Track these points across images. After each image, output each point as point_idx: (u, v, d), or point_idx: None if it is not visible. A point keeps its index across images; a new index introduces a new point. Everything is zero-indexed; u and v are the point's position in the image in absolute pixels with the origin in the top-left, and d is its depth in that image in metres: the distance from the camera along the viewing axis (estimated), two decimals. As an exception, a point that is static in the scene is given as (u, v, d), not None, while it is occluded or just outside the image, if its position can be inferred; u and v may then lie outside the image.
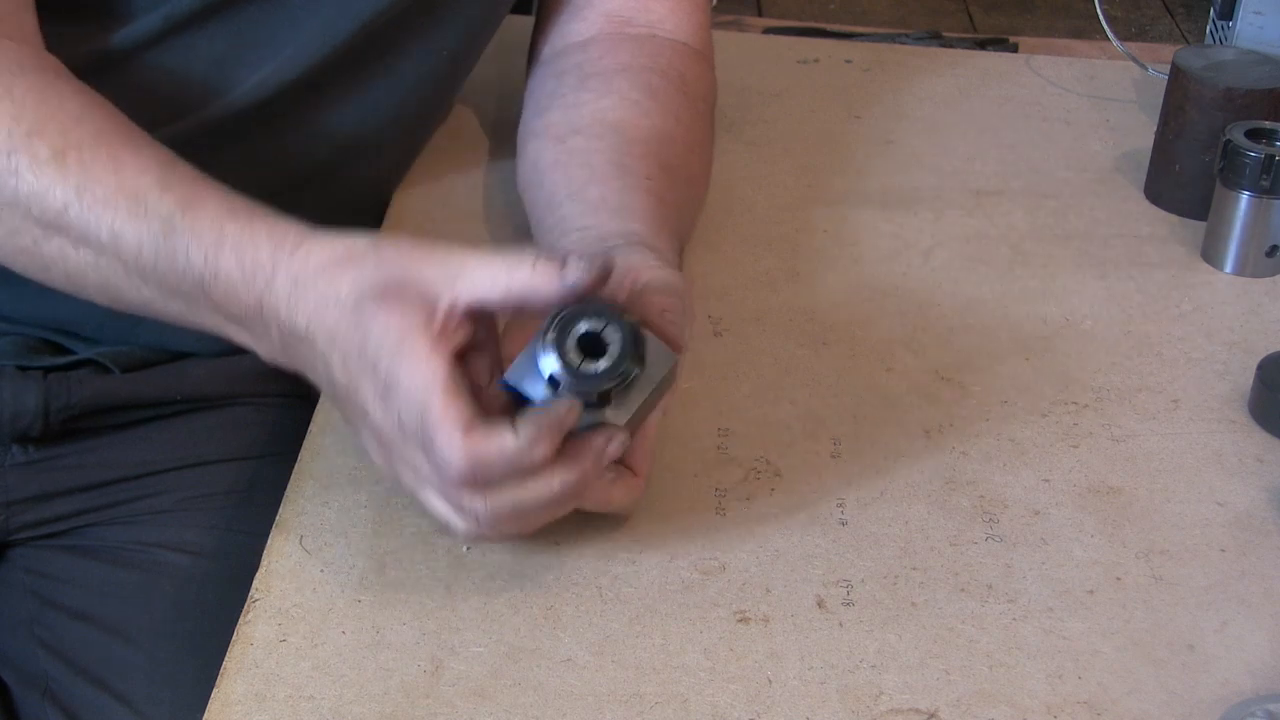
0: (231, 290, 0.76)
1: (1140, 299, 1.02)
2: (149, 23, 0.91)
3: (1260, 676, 0.74)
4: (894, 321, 0.98)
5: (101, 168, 0.78)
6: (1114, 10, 2.65)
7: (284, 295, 0.74)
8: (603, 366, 0.73)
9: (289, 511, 0.81)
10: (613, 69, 1.02)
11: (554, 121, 1.00)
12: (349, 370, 0.73)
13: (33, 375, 0.97)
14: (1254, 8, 1.24)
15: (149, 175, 0.78)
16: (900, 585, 0.78)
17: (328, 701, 0.70)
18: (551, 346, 0.73)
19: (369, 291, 0.72)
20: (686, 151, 1.00)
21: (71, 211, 0.78)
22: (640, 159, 0.95)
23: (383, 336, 0.72)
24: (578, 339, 0.73)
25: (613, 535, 0.79)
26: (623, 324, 0.73)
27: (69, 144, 0.79)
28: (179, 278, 0.77)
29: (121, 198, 0.77)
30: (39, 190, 0.78)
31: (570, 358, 0.73)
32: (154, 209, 0.77)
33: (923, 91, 1.28)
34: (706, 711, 0.71)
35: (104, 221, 0.78)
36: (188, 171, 0.79)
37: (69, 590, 0.99)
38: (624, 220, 0.89)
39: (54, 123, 0.79)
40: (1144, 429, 0.90)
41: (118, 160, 0.78)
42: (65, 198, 0.78)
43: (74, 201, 0.78)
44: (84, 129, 0.79)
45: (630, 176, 0.93)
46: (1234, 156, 1.03)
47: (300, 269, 0.74)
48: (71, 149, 0.78)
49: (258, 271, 0.75)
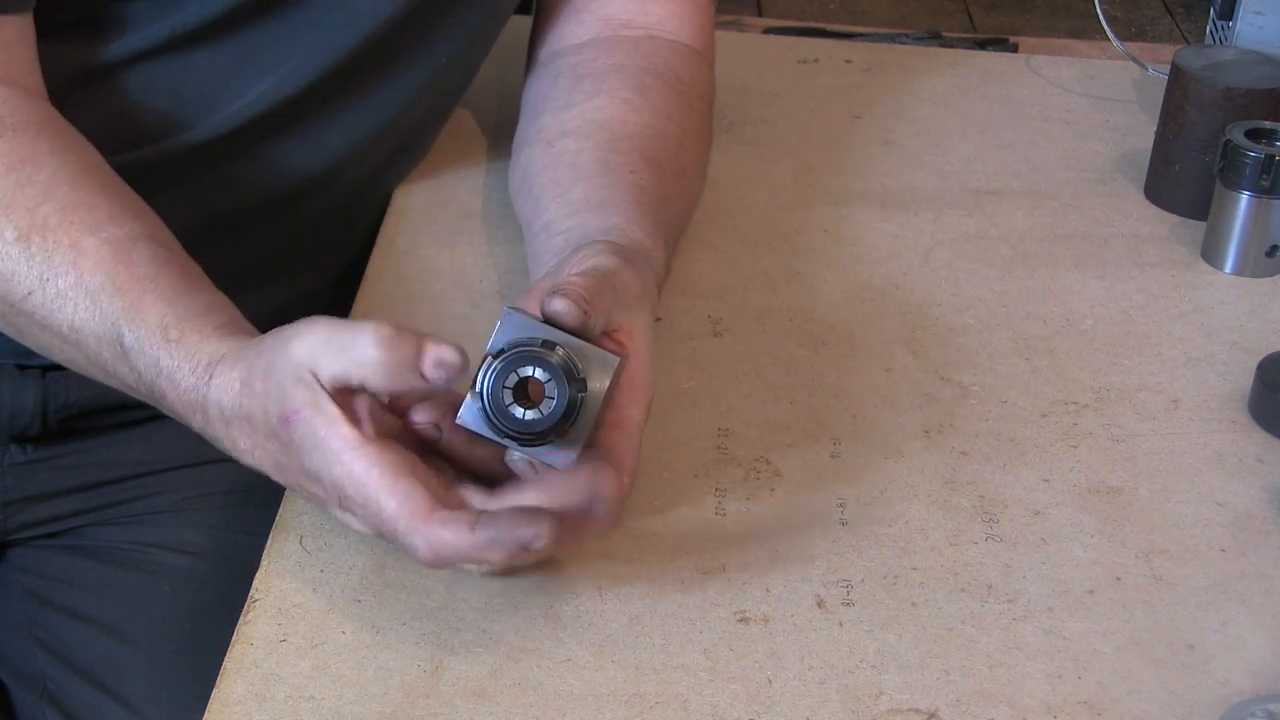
0: (182, 414, 0.78)
1: (1140, 299, 1.02)
2: (151, 35, 0.90)
3: (1260, 676, 0.74)
4: (894, 321, 0.98)
5: (63, 257, 0.79)
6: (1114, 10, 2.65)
7: (221, 433, 0.76)
8: (540, 416, 0.72)
9: (289, 511, 0.81)
10: (605, 69, 1.02)
11: (545, 126, 1.00)
12: (305, 488, 0.74)
13: (31, 374, 0.97)
14: (1254, 8, 1.24)
15: (102, 270, 0.79)
16: (900, 585, 0.78)
17: (328, 701, 0.70)
18: (484, 397, 0.72)
19: (277, 419, 0.72)
20: (677, 145, 0.99)
21: (35, 299, 0.79)
22: (625, 154, 0.95)
23: (311, 449, 0.72)
24: (513, 387, 0.72)
25: (613, 535, 0.79)
26: (554, 366, 0.71)
27: (34, 225, 0.79)
28: (136, 380, 0.79)
29: (80, 294, 0.79)
30: (5, 272, 0.80)
31: (505, 408, 0.71)
32: (108, 311, 0.78)
33: (923, 91, 1.28)
34: (706, 711, 0.71)
35: (64, 315, 0.79)
36: (141, 260, 0.79)
37: (68, 590, 0.99)
38: (606, 216, 0.89)
39: (23, 197, 0.80)
40: (1144, 429, 0.90)
41: (78, 249, 0.79)
42: (29, 284, 0.79)
43: (37, 289, 0.79)
44: (51, 206, 0.80)
45: (614, 172, 0.93)
46: (1234, 156, 1.03)
47: (219, 406, 0.75)
48: (36, 232, 0.79)
49: (193, 409, 0.77)
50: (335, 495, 0.72)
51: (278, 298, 0.99)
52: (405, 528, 0.70)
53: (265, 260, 1.00)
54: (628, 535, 0.80)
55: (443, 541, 0.70)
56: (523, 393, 0.72)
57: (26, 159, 0.81)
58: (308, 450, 0.72)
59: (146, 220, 0.82)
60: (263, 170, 0.96)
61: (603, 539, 0.79)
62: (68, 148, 0.83)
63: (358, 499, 0.71)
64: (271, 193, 0.98)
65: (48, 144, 0.82)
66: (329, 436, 0.71)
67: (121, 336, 0.77)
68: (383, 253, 1.02)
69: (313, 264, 1.05)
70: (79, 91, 0.89)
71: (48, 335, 0.80)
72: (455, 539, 0.70)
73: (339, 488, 0.71)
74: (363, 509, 0.71)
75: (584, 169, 0.94)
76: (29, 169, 0.81)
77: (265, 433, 0.73)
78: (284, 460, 0.73)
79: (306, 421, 0.71)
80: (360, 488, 0.71)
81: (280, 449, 0.73)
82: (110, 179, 0.83)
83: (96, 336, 0.78)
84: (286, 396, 0.72)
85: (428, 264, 1.01)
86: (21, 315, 0.80)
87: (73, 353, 0.80)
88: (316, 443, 0.71)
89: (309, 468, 0.72)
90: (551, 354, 0.72)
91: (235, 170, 0.95)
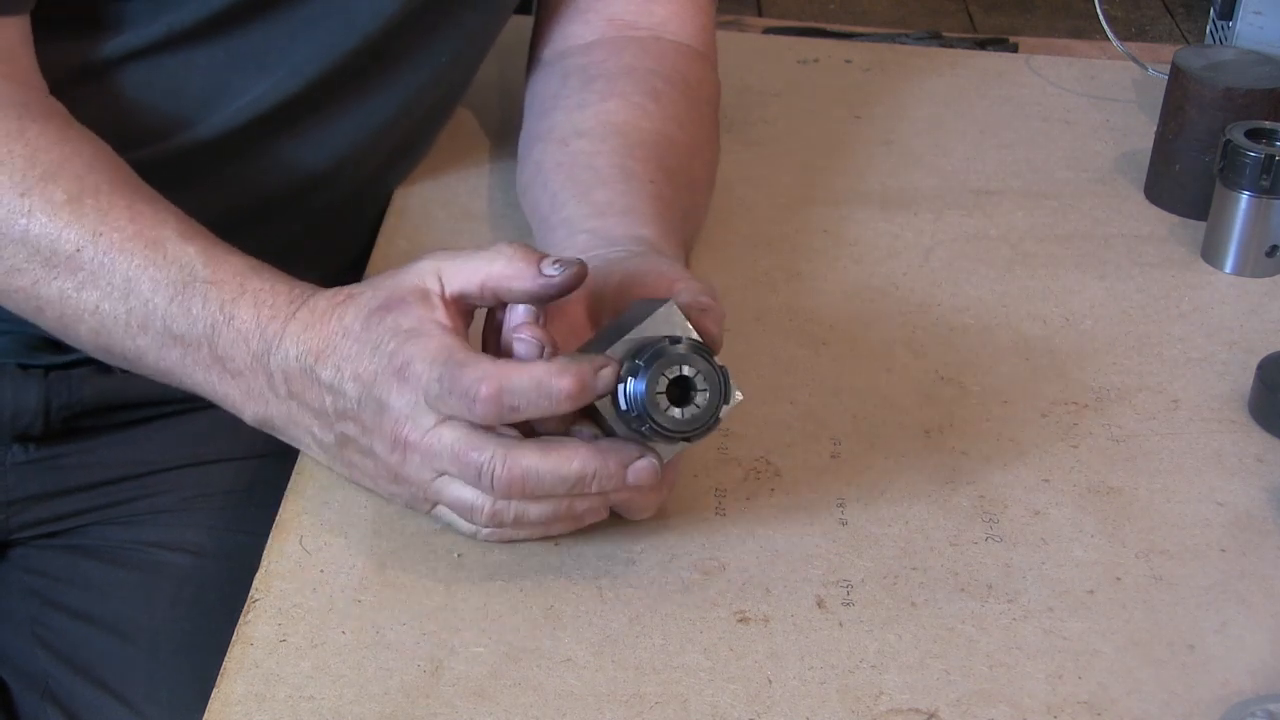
0: (242, 338, 0.78)
1: (1140, 299, 1.02)
2: (148, 33, 0.90)
3: (1260, 676, 0.74)
4: (894, 321, 0.98)
5: (120, 214, 0.79)
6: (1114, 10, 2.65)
7: (295, 339, 0.77)
8: (689, 415, 0.73)
9: (289, 511, 0.81)
10: (616, 71, 1.02)
11: (557, 124, 1.00)
12: (361, 377, 0.75)
13: (34, 374, 0.97)
14: (1254, 8, 1.24)
15: (168, 226, 0.80)
16: (900, 585, 0.78)
17: (328, 701, 0.70)
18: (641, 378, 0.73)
19: (374, 309, 0.75)
20: (689, 156, 1.00)
21: (85, 254, 0.79)
22: (643, 162, 0.95)
23: (394, 331, 0.74)
24: (670, 380, 0.73)
25: (613, 535, 0.79)
26: (716, 373, 0.73)
27: (85, 189, 0.80)
28: (189, 323, 0.78)
29: (139, 243, 0.79)
30: (51, 232, 0.79)
31: (657, 397, 0.73)
32: (173, 256, 0.79)
33: (923, 91, 1.28)
34: (706, 711, 0.71)
35: (119, 266, 0.79)
36: (204, 229, 0.81)
37: (69, 590, 0.99)
38: (632, 225, 0.89)
39: (69, 168, 0.80)
40: (1144, 429, 0.90)
41: (134, 209, 0.80)
42: (79, 240, 0.79)
43: (88, 244, 0.79)
44: (99, 176, 0.81)
45: (634, 180, 0.93)
46: (1234, 156, 1.03)
47: (309, 315, 0.77)
48: (88, 194, 0.80)
49: (274, 316, 0.77)
50: (397, 368, 0.73)
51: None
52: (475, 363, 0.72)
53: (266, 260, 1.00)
54: (628, 535, 0.80)
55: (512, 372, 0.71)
56: (676, 391, 0.73)
57: (64, 140, 0.82)
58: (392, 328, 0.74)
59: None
60: (263, 171, 0.96)
61: (603, 539, 0.79)
62: (97, 138, 0.84)
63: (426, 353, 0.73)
64: (271, 193, 0.98)
65: (79, 131, 0.83)
66: (421, 318, 0.74)
67: (195, 270, 0.78)
68: (383, 253, 1.02)
69: (313, 264, 1.05)
70: (77, 90, 0.89)
71: (89, 292, 0.79)
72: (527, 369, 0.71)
73: (408, 356, 0.73)
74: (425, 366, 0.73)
75: (603, 171, 0.94)
76: (71, 146, 0.81)
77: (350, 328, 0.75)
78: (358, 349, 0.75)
79: (408, 313, 0.74)
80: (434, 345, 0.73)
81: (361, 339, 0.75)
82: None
83: (154, 280, 0.78)
84: (399, 286, 0.75)
85: (428, 264, 1.01)
86: (61, 277, 0.80)
87: (108, 313, 0.80)
88: (410, 322, 0.74)
89: (384, 344, 0.74)
90: (702, 355, 0.74)
91: (235, 170, 0.95)
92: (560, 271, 0.74)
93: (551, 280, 0.74)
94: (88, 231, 0.79)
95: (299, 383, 0.77)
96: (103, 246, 0.79)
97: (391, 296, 0.75)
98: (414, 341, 0.74)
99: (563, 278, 0.74)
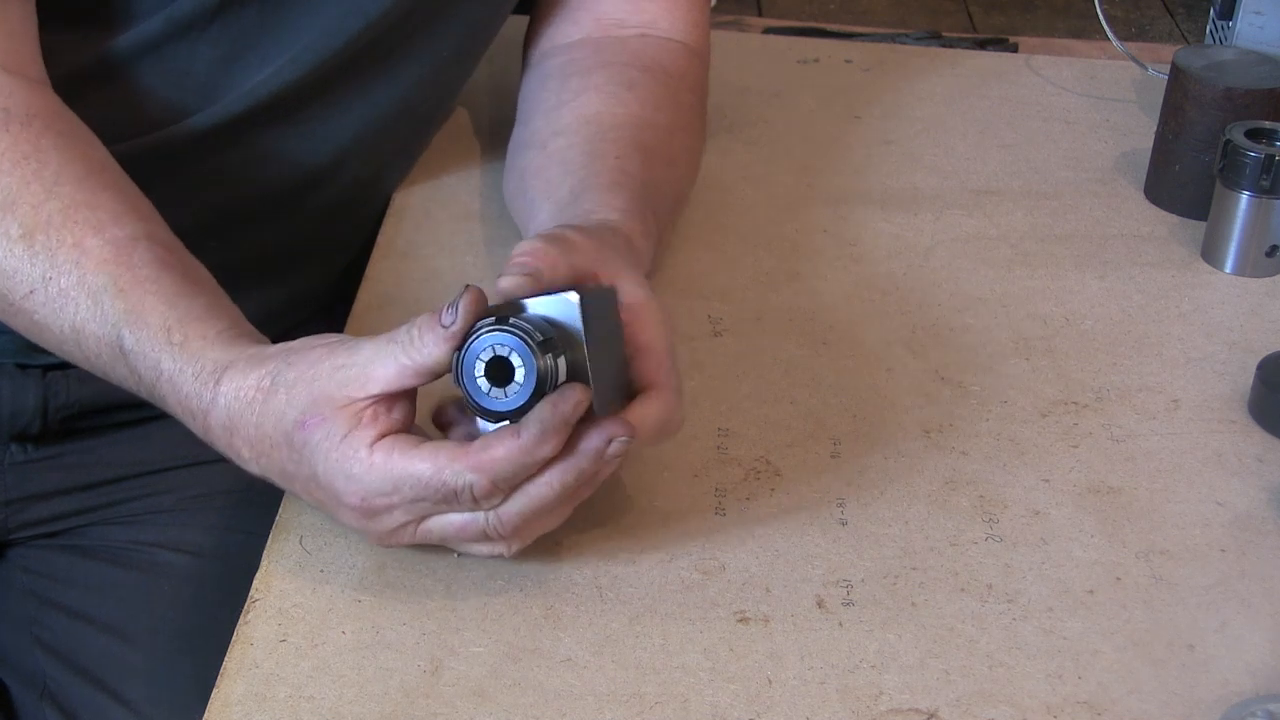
0: (182, 417, 0.78)
1: (1140, 299, 1.02)
2: (150, 27, 0.91)
3: (1260, 676, 0.74)
4: (894, 321, 0.98)
5: (65, 256, 0.79)
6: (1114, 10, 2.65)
7: (223, 440, 0.76)
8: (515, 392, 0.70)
9: (289, 511, 0.81)
10: (593, 67, 1.02)
11: (537, 129, 1.00)
12: (317, 497, 0.74)
13: (32, 373, 0.97)
14: (1254, 8, 1.24)
15: (105, 273, 0.78)
16: (900, 585, 0.78)
17: (328, 701, 0.70)
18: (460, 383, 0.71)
19: (293, 424, 0.73)
20: (667, 135, 0.99)
21: (37, 297, 0.79)
22: (614, 143, 0.95)
23: (326, 453, 0.72)
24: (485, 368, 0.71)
25: (613, 535, 0.79)
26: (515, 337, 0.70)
27: (38, 223, 0.79)
28: (137, 380, 0.79)
29: (83, 294, 0.79)
30: (8, 270, 0.80)
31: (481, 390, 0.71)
32: (109, 313, 0.78)
33: (923, 91, 1.28)
34: (706, 711, 0.71)
35: (66, 315, 0.79)
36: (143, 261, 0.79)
37: (68, 590, 0.99)
38: (577, 203, 0.89)
39: (28, 194, 0.80)
40: (1144, 429, 0.90)
41: (81, 249, 0.79)
42: (31, 283, 0.79)
43: (39, 288, 0.79)
44: (55, 204, 0.80)
45: (599, 159, 0.93)
46: (1234, 156, 1.03)
47: (226, 412, 0.75)
48: (40, 230, 0.79)
49: (194, 414, 0.76)
50: (356, 498, 0.72)
51: (278, 296, 0.99)
52: (451, 472, 0.70)
53: (266, 258, 1.00)
54: (628, 535, 0.80)
55: (494, 460, 0.70)
56: (499, 373, 0.71)
57: (30, 154, 0.81)
58: (324, 451, 0.72)
59: (150, 220, 0.82)
60: (263, 163, 0.96)
61: (603, 539, 0.79)
62: (72, 143, 0.83)
63: (387, 488, 0.71)
64: (272, 187, 0.98)
65: (53, 139, 0.82)
66: (348, 433, 0.71)
67: (122, 339, 0.77)
68: (383, 253, 1.02)
69: (312, 263, 1.05)
70: (80, 80, 0.89)
71: (49, 334, 0.80)
72: (505, 450, 0.70)
73: (362, 489, 0.71)
74: (399, 493, 0.71)
75: (572, 163, 0.94)
76: (34, 165, 0.81)
77: (276, 440, 0.73)
78: (291, 468, 0.73)
79: (325, 423, 0.72)
80: (386, 474, 0.71)
81: (291, 456, 0.73)
82: (114, 176, 0.83)
83: (97, 338, 0.78)
84: (315, 404, 0.72)
85: (427, 264, 1.01)
86: (23, 313, 0.80)
87: (74, 351, 0.80)
88: (337, 438, 0.71)
89: (320, 470, 0.72)
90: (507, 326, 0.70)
91: (235, 161, 0.95)
92: (457, 314, 0.71)
93: (455, 327, 0.71)
94: (38, 275, 0.79)
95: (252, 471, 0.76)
96: (52, 292, 0.79)
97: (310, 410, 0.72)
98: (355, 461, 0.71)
99: (463, 316, 0.71)
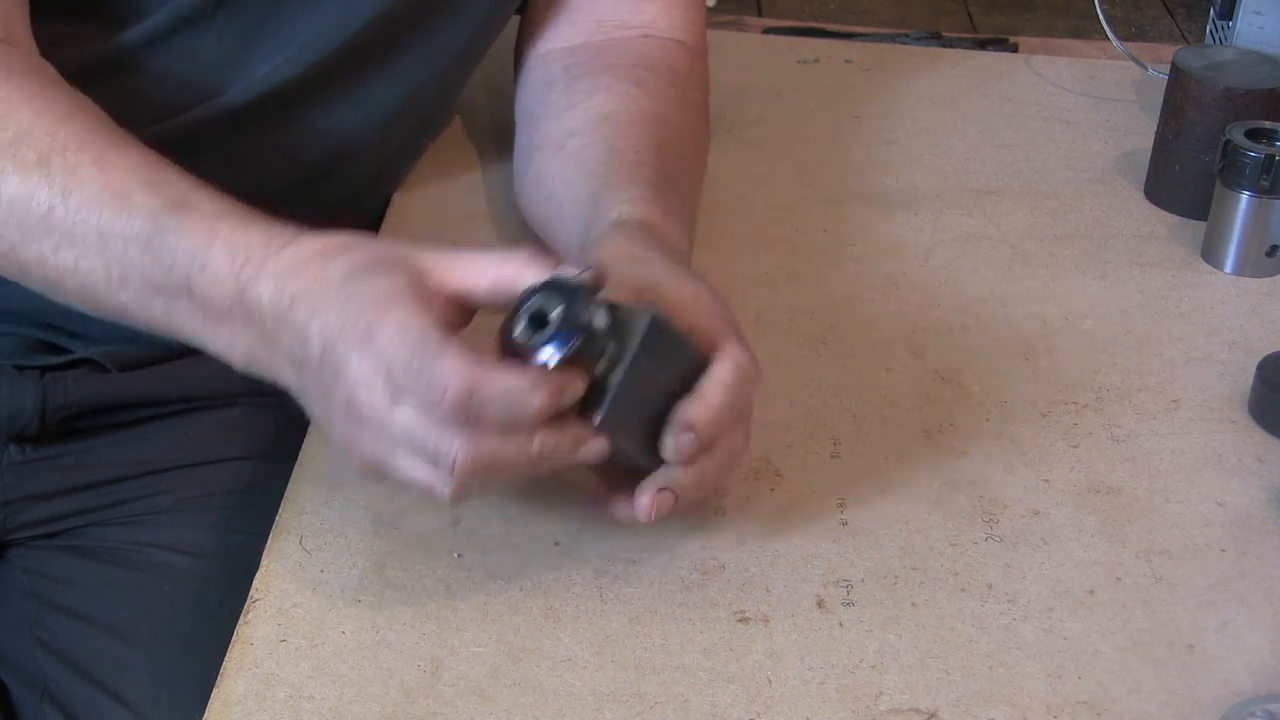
0: (217, 281, 0.75)
1: (1140, 299, 1.02)
2: (155, 21, 0.91)
3: (1260, 676, 0.74)
4: (894, 321, 0.98)
5: (87, 169, 0.78)
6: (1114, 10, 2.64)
7: (271, 279, 0.74)
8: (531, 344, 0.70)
9: (289, 511, 0.81)
10: (600, 68, 1.02)
11: (551, 131, 1.00)
12: (327, 331, 0.72)
13: (30, 374, 0.97)
14: (1254, 8, 1.24)
15: (136, 176, 0.78)
16: (900, 585, 0.78)
17: (328, 701, 0.70)
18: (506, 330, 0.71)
19: (360, 266, 0.72)
20: (679, 131, 0.99)
21: (57, 214, 0.78)
22: (632, 138, 0.95)
23: (368, 294, 0.71)
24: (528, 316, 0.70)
25: (613, 535, 0.79)
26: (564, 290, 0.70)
27: (54, 147, 0.78)
28: (165, 273, 0.76)
29: (108, 197, 0.77)
30: (23, 194, 0.78)
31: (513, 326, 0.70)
32: (142, 207, 0.77)
33: (923, 91, 1.28)
34: (706, 711, 0.71)
35: (90, 222, 0.77)
36: (176, 174, 0.79)
37: (68, 591, 0.99)
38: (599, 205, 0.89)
39: (41, 125, 0.79)
40: (1144, 429, 0.90)
41: (104, 162, 0.78)
42: (50, 200, 0.78)
43: (59, 204, 0.78)
44: (70, 130, 0.79)
45: (619, 156, 0.93)
46: (1234, 156, 1.03)
47: (292, 258, 0.74)
48: (57, 153, 0.78)
49: (249, 260, 0.74)
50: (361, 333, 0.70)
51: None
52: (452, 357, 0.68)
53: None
54: (628, 535, 0.80)
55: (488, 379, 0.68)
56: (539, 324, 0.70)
57: (39, 95, 0.80)
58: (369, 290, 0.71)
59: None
60: (266, 158, 0.96)
61: (603, 539, 0.79)
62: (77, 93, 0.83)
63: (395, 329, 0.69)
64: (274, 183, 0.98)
65: (58, 88, 0.82)
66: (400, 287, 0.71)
67: (162, 222, 0.76)
68: (383, 253, 1.02)
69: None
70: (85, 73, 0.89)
71: (66, 252, 0.78)
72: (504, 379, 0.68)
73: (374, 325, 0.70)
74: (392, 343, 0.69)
75: (591, 163, 0.94)
76: (44, 102, 0.80)
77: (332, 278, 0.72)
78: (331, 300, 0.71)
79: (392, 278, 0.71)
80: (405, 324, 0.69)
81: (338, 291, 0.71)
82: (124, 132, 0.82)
83: (124, 233, 0.76)
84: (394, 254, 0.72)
85: (428, 264, 1.01)
86: (38, 239, 0.79)
87: (86, 271, 0.78)
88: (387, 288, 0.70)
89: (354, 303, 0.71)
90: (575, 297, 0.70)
91: (238, 155, 0.95)
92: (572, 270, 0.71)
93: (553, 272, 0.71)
94: (57, 190, 0.78)
95: (273, 324, 0.74)
96: (73, 204, 0.77)
97: (382, 260, 0.72)
98: (385, 310, 0.70)
99: (567, 269, 0.72)
